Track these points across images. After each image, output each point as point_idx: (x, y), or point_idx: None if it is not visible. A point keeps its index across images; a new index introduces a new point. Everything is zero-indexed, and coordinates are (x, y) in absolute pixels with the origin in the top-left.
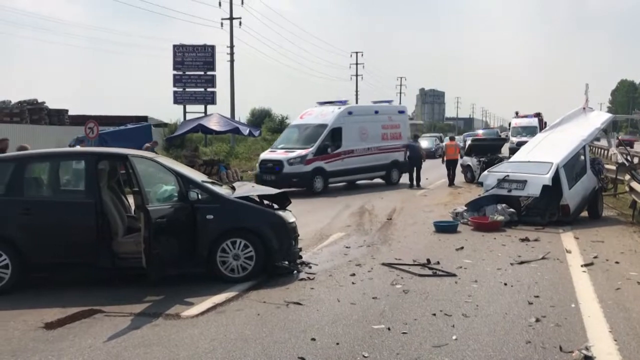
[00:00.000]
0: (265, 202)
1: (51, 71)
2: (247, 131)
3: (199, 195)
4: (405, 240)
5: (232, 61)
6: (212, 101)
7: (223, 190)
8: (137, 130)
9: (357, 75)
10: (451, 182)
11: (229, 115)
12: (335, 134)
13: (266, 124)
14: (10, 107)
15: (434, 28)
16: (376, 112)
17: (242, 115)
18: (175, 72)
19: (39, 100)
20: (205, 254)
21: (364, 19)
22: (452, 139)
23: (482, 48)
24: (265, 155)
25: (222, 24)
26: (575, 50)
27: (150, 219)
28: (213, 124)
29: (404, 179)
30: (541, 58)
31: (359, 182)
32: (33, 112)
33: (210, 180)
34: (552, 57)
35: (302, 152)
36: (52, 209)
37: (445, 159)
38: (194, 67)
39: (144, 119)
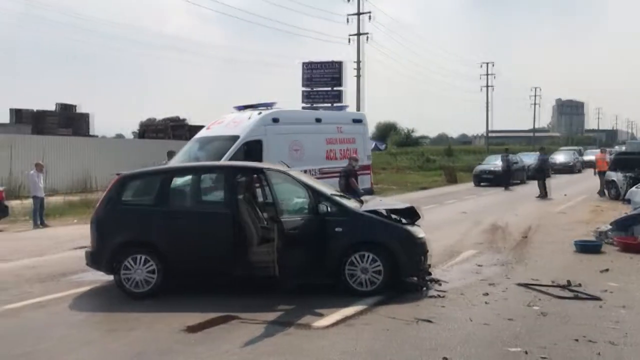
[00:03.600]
0: (394, 216)
1: (191, 89)
2: (373, 145)
3: (329, 208)
4: (543, 259)
5: (359, 76)
6: None
7: (352, 203)
8: None
9: (487, 87)
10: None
11: None
12: (252, 151)
13: (391, 138)
14: (155, 124)
15: (571, 36)
16: (318, 120)
17: (372, 130)
18: (304, 89)
19: (181, 117)
20: (334, 266)
21: (494, 28)
22: (602, 151)
23: (626, 56)
24: None
25: (349, 40)
26: None
27: (282, 230)
28: None
29: None
30: None
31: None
32: (175, 129)
33: (339, 193)
34: None
35: None
36: (193, 219)
37: (596, 170)
38: (322, 83)
39: None
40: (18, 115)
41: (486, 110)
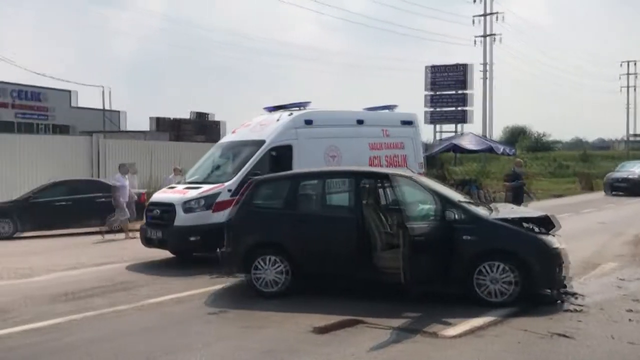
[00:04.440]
0: (527, 225)
1: (315, 95)
2: (501, 150)
3: (457, 215)
4: None
5: (486, 79)
6: (465, 120)
7: (481, 210)
8: None
9: (628, 87)
10: None
11: (481, 134)
12: (280, 158)
13: (520, 142)
14: None
15: None
16: (359, 121)
17: (494, 133)
18: (428, 93)
19: None
20: (462, 274)
21: (635, 26)
22: None
23: None
24: (157, 195)
25: (475, 41)
26: None
27: (408, 236)
28: (467, 143)
29: None
30: None
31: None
32: None
33: (467, 200)
34: None
35: (211, 188)
36: (320, 223)
37: None
38: (446, 87)
39: None
40: (157, 123)
41: (626, 112)
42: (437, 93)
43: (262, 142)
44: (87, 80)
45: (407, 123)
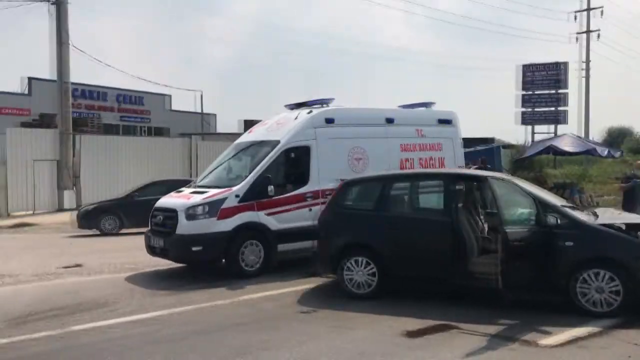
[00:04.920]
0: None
1: (405, 96)
2: (606, 152)
3: (557, 220)
4: None
5: (584, 77)
6: (563, 120)
7: (584, 215)
8: (487, 152)
9: None
10: None
11: (582, 135)
12: (296, 160)
13: (626, 144)
14: None
15: None
16: (389, 120)
17: (596, 135)
18: (522, 92)
19: None
20: (563, 282)
21: None
22: None
23: None
24: (163, 200)
25: (577, 38)
26: None
27: (506, 241)
28: (565, 145)
29: None
30: None
31: None
32: None
33: (569, 204)
34: None
35: (217, 193)
36: (412, 225)
37: None
38: (542, 86)
39: (491, 140)
40: (246, 125)
41: None
42: (534, 92)
43: (275, 143)
44: (182, 84)
45: (445, 122)
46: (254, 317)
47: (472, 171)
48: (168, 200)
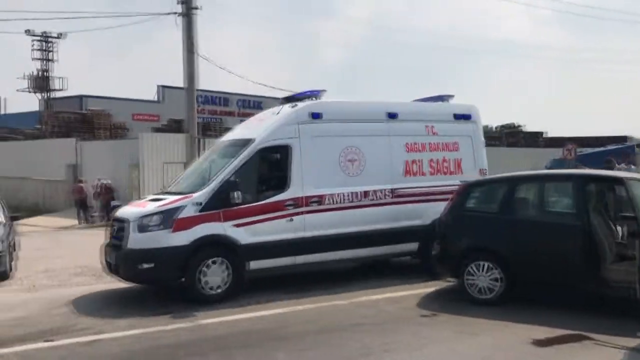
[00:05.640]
0: None
1: (528, 94)
2: None
3: None
4: None
5: None
6: None
7: None
8: (618, 151)
9: None
10: None
11: None
12: (275, 162)
13: None
14: (490, 132)
15: None
16: (391, 115)
17: None
18: None
19: (516, 124)
20: None
21: None
22: None
23: None
24: (121, 209)
25: None
26: None
27: None
28: None
29: None
30: None
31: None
32: (510, 135)
33: None
34: None
35: (173, 200)
36: (539, 229)
37: None
38: None
39: (623, 139)
40: None
41: None
42: None
43: (250, 142)
44: (297, 88)
45: (463, 117)
46: (374, 318)
47: (607, 172)
48: (125, 209)
